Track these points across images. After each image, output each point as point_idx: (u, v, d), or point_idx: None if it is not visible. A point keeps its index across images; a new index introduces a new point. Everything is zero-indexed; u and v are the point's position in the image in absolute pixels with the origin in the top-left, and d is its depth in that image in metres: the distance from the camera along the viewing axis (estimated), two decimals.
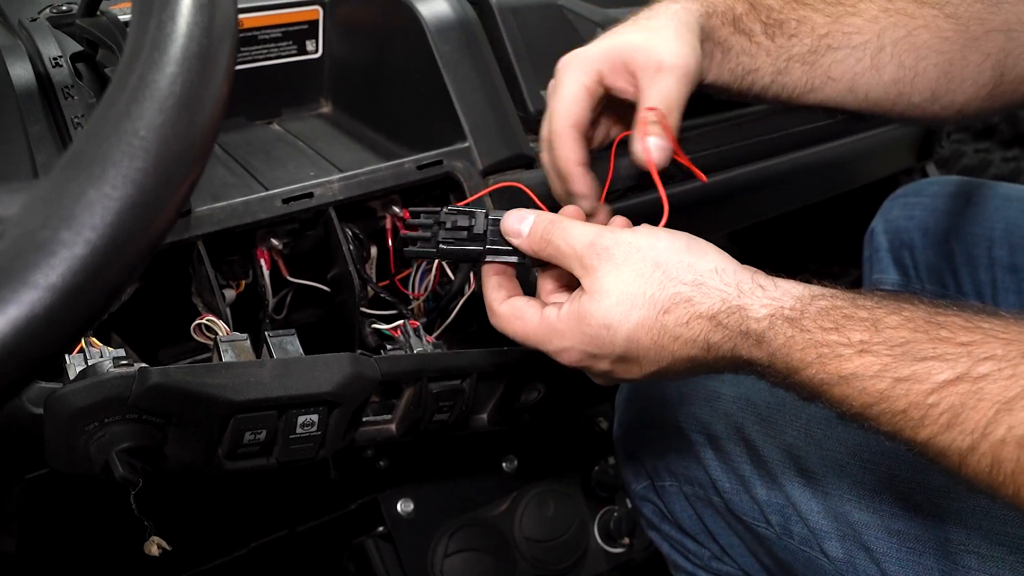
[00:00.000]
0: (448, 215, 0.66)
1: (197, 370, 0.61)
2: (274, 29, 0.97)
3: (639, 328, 0.59)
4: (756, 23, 0.73)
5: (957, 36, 0.75)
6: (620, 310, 0.59)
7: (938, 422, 0.51)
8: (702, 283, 0.59)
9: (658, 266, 0.59)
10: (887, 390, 0.52)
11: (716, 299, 0.58)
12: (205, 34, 0.34)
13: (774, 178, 1.15)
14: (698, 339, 0.58)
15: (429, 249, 0.67)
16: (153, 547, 0.65)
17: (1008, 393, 0.49)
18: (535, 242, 0.64)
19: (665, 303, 0.59)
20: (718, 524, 0.86)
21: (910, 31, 0.75)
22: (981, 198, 1.09)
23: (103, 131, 0.31)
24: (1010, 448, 0.48)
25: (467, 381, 0.74)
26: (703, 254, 0.61)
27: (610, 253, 0.60)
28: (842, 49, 0.74)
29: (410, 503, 1.13)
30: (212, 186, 0.80)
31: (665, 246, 0.60)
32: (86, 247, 0.29)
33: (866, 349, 0.53)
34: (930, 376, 0.51)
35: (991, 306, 0.55)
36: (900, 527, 0.72)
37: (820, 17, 0.74)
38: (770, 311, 0.57)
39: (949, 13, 0.75)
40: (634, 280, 0.59)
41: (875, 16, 0.75)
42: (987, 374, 0.50)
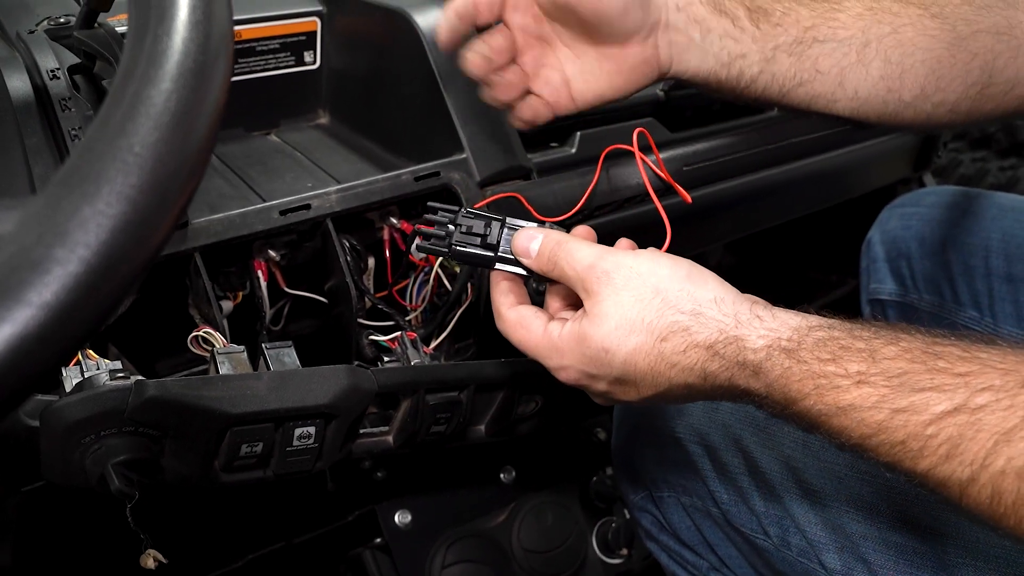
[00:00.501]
0: (465, 217, 0.67)
1: (193, 383, 0.61)
2: (272, 40, 0.97)
3: (636, 353, 0.60)
4: (740, 8, 0.73)
5: (943, 35, 0.75)
6: (618, 335, 0.60)
7: (937, 453, 0.51)
8: (700, 312, 0.59)
9: (658, 293, 0.60)
10: (885, 421, 0.53)
11: (714, 329, 0.58)
12: (201, 50, 0.34)
13: (772, 188, 1.15)
14: (695, 367, 0.59)
15: (440, 248, 0.68)
16: (149, 560, 0.65)
17: (1007, 424, 0.49)
18: (543, 263, 0.65)
19: (663, 331, 0.59)
20: (716, 535, 0.86)
21: (895, 28, 0.75)
22: (978, 208, 1.09)
23: (98, 148, 0.31)
24: (1010, 479, 0.48)
25: (464, 393, 0.74)
26: (703, 283, 0.61)
27: (610, 277, 0.61)
28: (828, 42, 0.74)
29: (408, 514, 1.13)
30: (209, 197, 0.80)
31: (667, 273, 0.61)
32: (80, 264, 0.29)
33: (863, 380, 0.54)
34: (928, 407, 0.51)
35: (989, 335, 0.55)
36: (898, 539, 0.72)
37: (805, 10, 0.74)
38: (767, 342, 0.57)
39: (935, 13, 0.75)
40: (633, 305, 0.60)
41: (859, 13, 0.75)
42: (985, 405, 0.50)
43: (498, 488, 1.20)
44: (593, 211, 0.92)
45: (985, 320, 1.04)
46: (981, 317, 1.05)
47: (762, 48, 0.73)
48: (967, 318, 1.06)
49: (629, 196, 0.94)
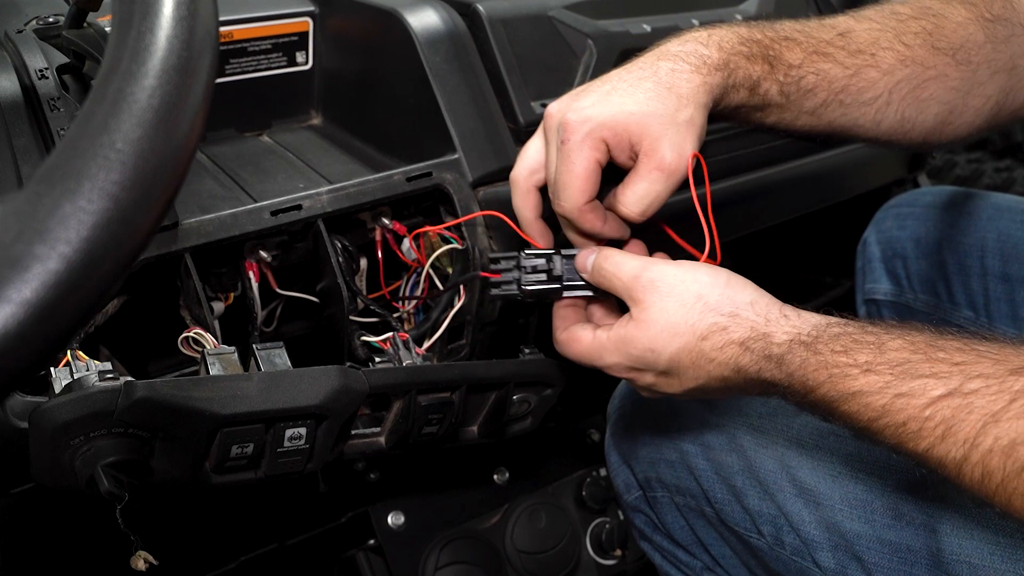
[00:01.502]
0: (527, 259, 0.75)
1: (183, 383, 0.61)
2: (264, 41, 0.97)
3: (680, 352, 0.66)
4: (773, 84, 0.73)
5: (963, 84, 0.76)
6: (664, 337, 0.66)
7: (934, 433, 0.55)
8: (737, 314, 0.65)
9: (699, 298, 0.66)
10: (888, 405, 0.58)
11: (747, 327, 0.65)
12: (185, 47, 0.34)
13: (767, 189, 1.15)
14: (729, 362, 0.65)
15: (513, 291, 0.75)
16: (140, 562, 0.65)
17: (995, 407, 0.53)
18: (596, 276, 0.72)
19: (704, 331, 0.65)
20: (710, 535, 0.86)
21: (919, 83, 0.75)
22: (973, 208, 1.09)
23: (80, 144, 0.31)
24: (997, 458, 0.52)
25: (456, 393, 0.74)
26: (741, 288, 0.67)
27: (655, 285, 0.67)
28: (852, 105, 0.75)
29: (401, 516, 1.12)
30: (201, 198, 0.79)
31: (708, 280, 0.67)
32: (61, 262, 0.29)
33: (870, 369, 0.59)
34: (925, 392, 0.56)
35: (990, 331, 0.59)
36: (892, 537, 0.71)
37: (839, 70, 0.74)
38: (790, 337, 0.63)
39: (960, 60, 0.76)
40: (677, 310, 0.66)
41: (892, 67, 0.75)
42: (977, 390, 0.54)
43: (492, 489, 1.20)
44: None
45: (980, 320, 1.04)
46: (976, 317, 1.05)
47: (783, 113, 0.75)
48: (962, 318, 1.06)
49: None
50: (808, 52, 0.74)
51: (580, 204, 0.70)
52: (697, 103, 0.69)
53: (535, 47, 0.93)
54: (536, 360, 0.80)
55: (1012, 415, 0.53)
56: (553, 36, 0.94)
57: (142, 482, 0.63)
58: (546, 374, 0.80)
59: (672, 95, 0.69)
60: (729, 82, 0.71)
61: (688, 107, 0.68)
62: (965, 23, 0.76)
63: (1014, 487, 0.52)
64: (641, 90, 0.69)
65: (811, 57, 0.74)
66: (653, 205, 0.71)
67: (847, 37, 0.75)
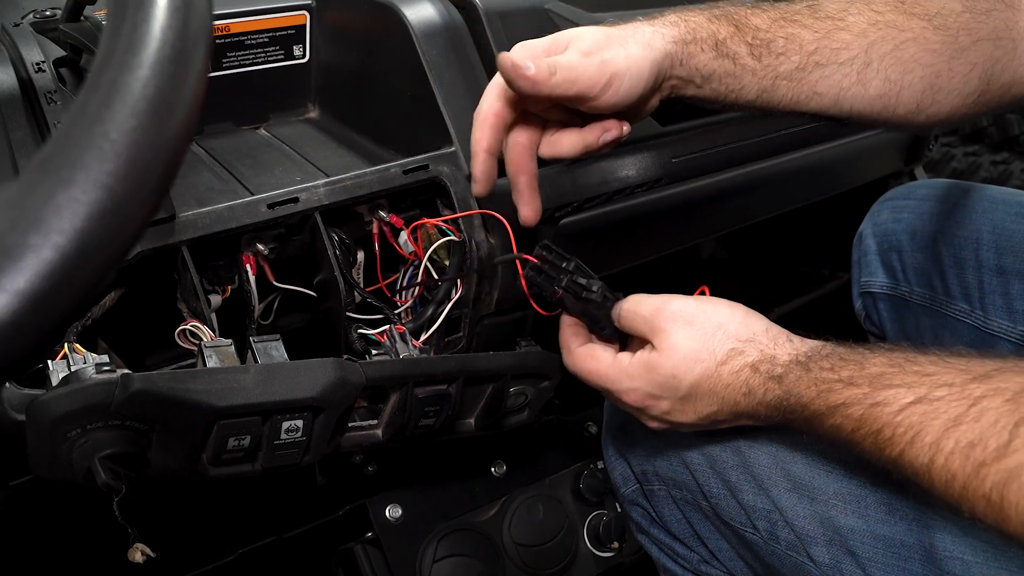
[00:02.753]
0: (577, 270, 0.76)
1: (180, 376, 0.61)
2: (261, 34, 0.97)
3: (701, 378, 0.70)
4: (741, 45, 0.73)
5: (944, 48, 0.75)
6: (687, 363, 0.70)
7: (904, 439, 0.58)
8: (752, 339, 0.70)
9: (720, 326, 0.71)
10: (865, 414, 0.61)
11: (758, 351, 0.69)
12: (179, 37, 0.34)
13: (763, 181, 1.15)
14: (742, 386, 0.69)
15: (548, 288, 0.77)
16: (137, 554, 0.65)
17: (956, 411, 0.56)
18: (623, 321, 0.75)
19: (723, 356, 0.70)
20: (706, 528, 0.86)
21: (897, 44, 0.75)
22: (969, 201, 1.09)
23: (73, 134, 0.31)
24: (957, 460, 0.54)
25: (453, 386, 0.74)
26: (757, 318, 0.72)
27: (676, 316, 0.72)
28: (829, 66, 0.75)
29: (398, 508, 1.12)
30: (198, 191, 0.80)
31: (727, 312, 0.72)
32: (55, 251, 0.29)
33: (852, 382, 0.63)
34: (896, 400, 0.60)
35: (967, 349, 0.62)
36: (886, 532, 0.72)
37: (808, 33, 0.74)
38: (790, 358, 0.68)
39: (938, 25, 0.75)
40: (699, 338, 0.70)
41: (864, 30, 0.75)
42: (941, 397, 0.57)
43: (489, 482, 1.20)
44: (583, 203, 0.92)
45: (975, 312, 1.04)
46: (971, 309, 1.05)
47: (760, 80, 0.75)
48: (957, 310, 1.06)
49: (619, 188, 0.94)
50: (775, 19, 0.75)
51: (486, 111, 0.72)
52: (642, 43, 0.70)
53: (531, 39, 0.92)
54: (533, 352, 0.80)
55: (971, 418, 0.55)
56: (549, 29, 0.93)
57: (139, 474, 0.63)
58: (543, 366, 0.80)
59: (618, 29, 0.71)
60: (687, 35, 0.72)
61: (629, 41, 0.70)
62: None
63: (974, 488, 0.54)
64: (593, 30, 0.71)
65: (778, 22, 0.75)
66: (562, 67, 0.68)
67: (815, 6, 0.76)
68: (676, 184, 1.01)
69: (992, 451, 0.53)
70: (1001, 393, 0.55)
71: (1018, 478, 0.52)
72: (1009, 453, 0.52)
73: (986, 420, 0.54)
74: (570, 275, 0.76)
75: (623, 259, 1.03)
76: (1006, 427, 0.53)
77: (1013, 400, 0.54)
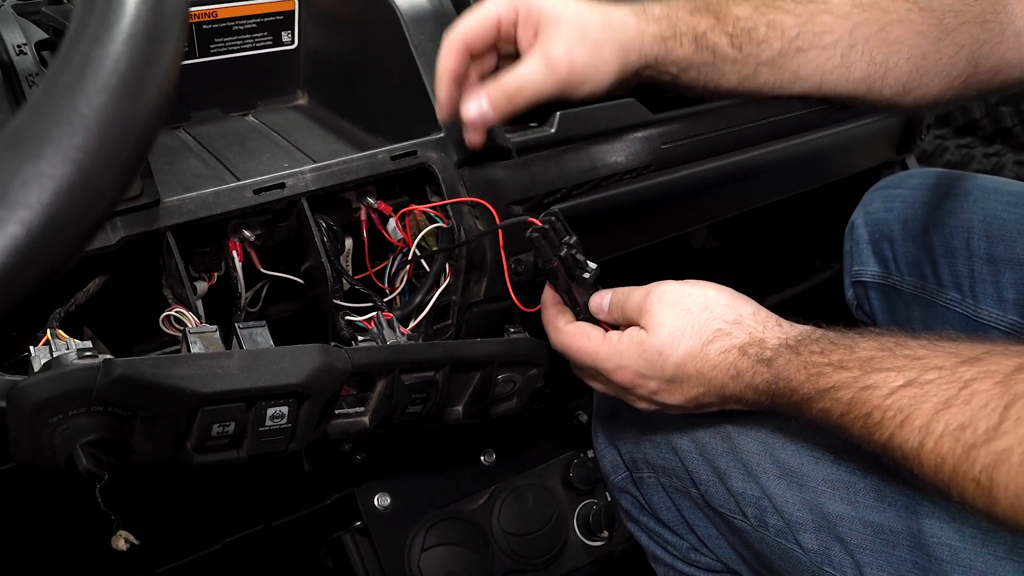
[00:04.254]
0: (577, 246, 0.75)
1: (163, 361, 0.60)
2: (249, 20, 0.96)
3: (687, 356, 0.70)
4: (721, 36, 0.73)
5: (930, 30, 0.75)
6: (672, 339, 0.70)
7: (893, 422, 0.58)
8: (739, 321, 0.70)
9: (706, 307, 0.71)
10: (855, 397, 0.61)
11: (746, 333, 0.69)
12: (153, 13, 0.33)
13: (755, 169, 1.15)
14: (729, 367, 0.69)
15: (548, 253, 0.75)
16: (120, 541, 0.64)
17: (947, 394, 0.56)
18: (612, 313, 0.76)
19: (709, 335, 0.70)
20: (696, 515, 0.86)
21: (883, 26, 0.74)
22: (960, 190, 1.09)
23: (43, 109, 0.30)
24: (947, 442, 0.54)
25: (440, 373, 0.74)
26: (745, 302, 0.72)
27: (664, 297, 0.72)
28: (812, 50, 0.75)
29: (387, 497, 1.12)
30: (184, 177, 0.79)
31: (714, 294, 0.72)
32: (20, 226, 0.28)
33: (842, 366, 0.62)
34: (887, 383, 0.59)
35: (957, 333, 0.62)
36: (874, 519, 0.72)
37: (791, 19, 0.74)
38: (779, 342, 0.67)
39: (923, 6, 0.75)
40: (684, 316, 0.71)
41: (848, 12, 0.75)
42: (932, 380, 0.57)
43: (478, 471, 1.20)
44: (571, 190, 0.92)
45: (966, 301, 1.04)
46: (962, 298, 1.05)
47: (741, 69, 0.75)
48: (948, 299, 1.06)
49: (607, 175, 0.94)
50: (757, 6, 0.74)
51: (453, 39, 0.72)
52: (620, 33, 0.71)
53: None
54: (521, 339, 0.80)
55: (961, 401, 0.55)
56: None
57: (122, 461, 0.62)
58: (531, 354, 0.80)
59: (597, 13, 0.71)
60: (668, 32, 0.72)
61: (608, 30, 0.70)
62: None
63: (964, 471, 0.53)
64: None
65: (760, 9, 0.74)
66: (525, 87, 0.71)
67: None
68: (666, 171, 1.01)
69: (982, 433, 0.53)
70: (991, 376, 0.55)
71: (1007, 460, 0.51)
72: (999, 435, 0.52)
73: (976, 402, 0.54)
74: (570, 248, 0.75)
75: (612, 247, 1.03)
76: (996, 409, 0.53)
77: (1003, 383, 0.54)
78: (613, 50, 0.70)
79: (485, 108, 0.71)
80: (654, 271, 0.86)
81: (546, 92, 0.71)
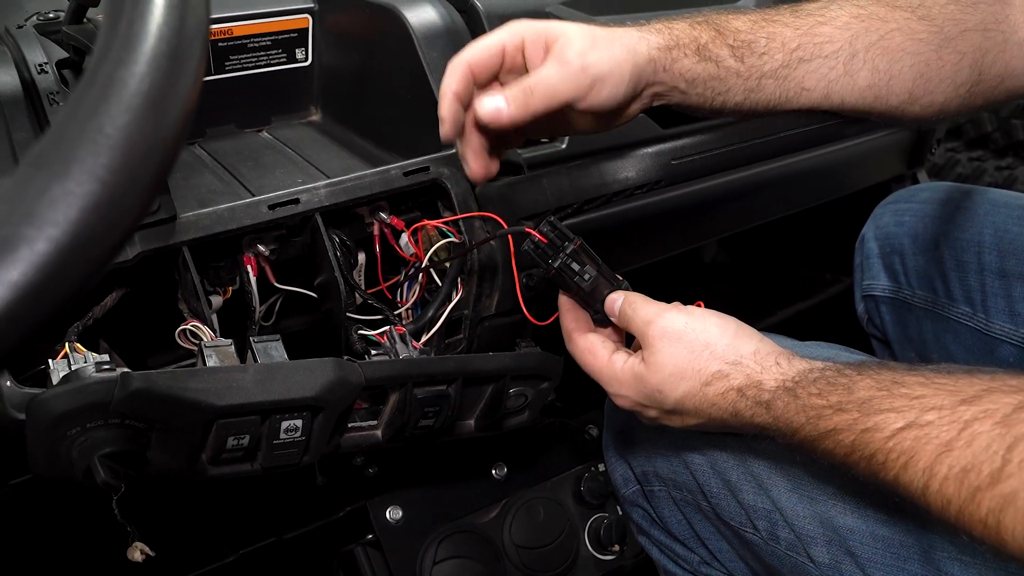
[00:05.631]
0: (575, 253, 0.76)
1: (179, 375, 0.61)
2: (264, 37, 0.97)
3: (686, 396, 0.71)
4: (723, 48, 0.74)
5: (931, 37, 0.75)
6: (672, 381, 0.71)
7: (897, 464, 0.58)
8: (739, 362, 0.70)
9: (707, 346, 0.70)
10: (857, 440, 0.61)
11: (744, 375, 0.69)
12: (175, 34, 0.34)
13: (765, 184, 1.16)
14: (728, 407, 0.69)
15: (543, 264, 0.76)
16: (136, 553, 0.65)
17: (948, 436, 0.55)
18: (620, 319, 0.76)
19: (708, 377, 0.70)
20: (707, 529, 0.86)
21: (883, 35, 0.75)
22: (970, 204, 1.09)
23: (69, 129, 0.31)
24: (952, 485, 0.54)
25: (452, 386, 0.74)
26: (748, 338, 0.71)
27: (666, 332, 0.72)
28: (814, 60, 0.75)
29: (399, 510, 1.13)
30: (199, 193, 0.80)
31: (716, 331, 0.71)
32: (48, 243, 0.29)
33: (841, 408, 0.63)
34: (887, 425, 0.59)
35: (954, 365, 0.61)
36: (885, 533, 0.72)
37: (790, 31, 0.75)
38: (777, 384, 0.67)
39: (922, 15, 0.76)
40: (685, 356, 0.71)
41: (846, 23, 0.75)
42: (932, 421, 0.57)
43: (490, 484, 1.20)
44: (582, 205, 0.92)
45: (978, 316, 1.04)
46: (974, 312, 1.05)
47: (746, 81, 0.75)
48: (959, 313, 1.06)
49: (618, 190, 0.95)
50: (756, 20, 0.75)
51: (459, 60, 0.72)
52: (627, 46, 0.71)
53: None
54: (532, 353, 0.80)
55: (962, 443, 0.54)
56: None
57: (138, 473, 0.63)
58: (542, 367, 0.80)
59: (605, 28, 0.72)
60: (671, 42, 0.72)
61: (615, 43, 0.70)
62: None
63: (970, 513, 0.53)
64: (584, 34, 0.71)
65: (759, 23, 0.75)
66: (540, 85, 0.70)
67: (796, 6, 0.77)
68: (676, 186, 1.01)
69: (986, 476, 0.52)
70: (991, 415, 0.54)
71: (1013, 503, 0.51)
72: (1003, 478, 0.51)
73: (978, 445, 0.53)
74: (566, 257, 0.75)
75: (623, 262, 1.03)
76: (998, 452, 0.52)
77: (1003, 423, 0.53)
78: (624, 53, 0.70)
79: (500, 103, 0.69)
80: (665, 285, 0.87)
81: (561, 92, 0.70)
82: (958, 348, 1.07)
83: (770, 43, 0.74)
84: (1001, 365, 1.01)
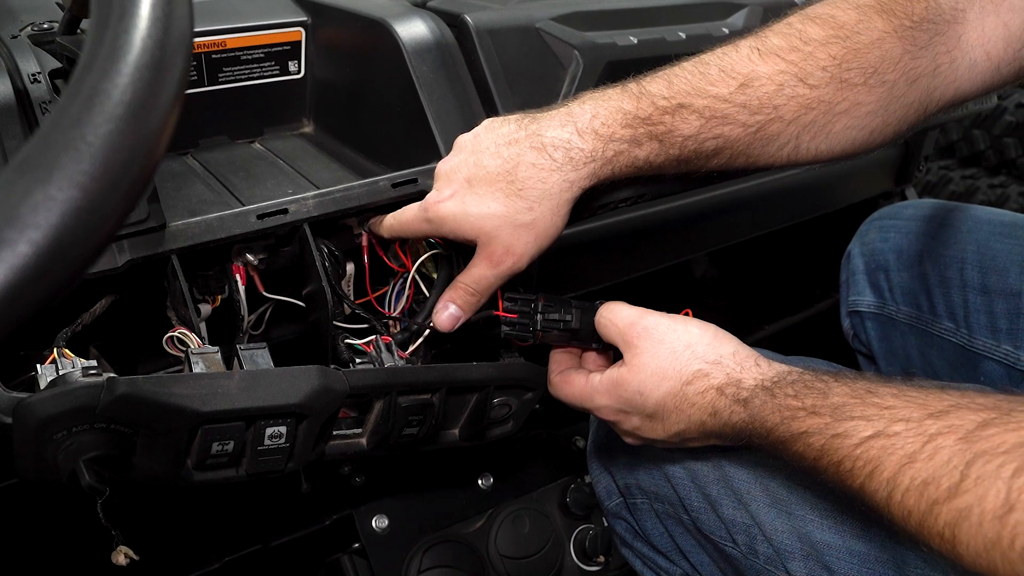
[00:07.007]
0: (546, 307, 0.81)
1: (165, 380, 0.62)
2: (257, 50, 0.98)
3: (667, 396, 0.73)
4: (667, 160, 0.75)
5: (879, 107, 0.74)
6: (653, 381, 0.73)
7: (863, 472, 0.59)
8: (719, 362, 0.72)
9: (688, 346, 0.73)
10: (826, 444, 0.62)
11: (724, 374, 0.71)
12: (159, 46, 0.35)
13: (754, 198, 1.17)
14: (707, 406, 0.71)
15: (527, 334, 0.81)
16: (120, 556, 0.66)
17: (912, 448, 0.57)
18: (600, 326, 0.78)
19: (689, 376, 0.72)
20: (688, 542, 0.87)
21: (828, 121, 0.74)
22: (954, 221, 1.10)
23: (53, 136, 0.32)
24: (912, 497, 0.55)
25: (436, 395, 0.75)
26: (727, 341, 0.74)
27: (649, 332, 0.74)
28: (760, 155, 0.76)
29: (385, 519, 1.13)
30: (190, 203, 0.81)
31: (697, 332, 0.74)
32: (29, 246, 0.30)
33: (815, 411, 0.64)
34: (856, 432, 0.60)
35: (926, 379, 0.64)
36: (861, 548, 0.72)
37: (740, 131, 0.74)
38: (755, 383, 0.69)
39: (875, 84, 0.73)
40: (667, 356, 0.73)
41: (796, 115, 0.74)
42: (899, 432, 0.58)
43: (476, 494, 1.21)
44: None
45: (960, 331, 1.05)
46: (957, 328, 1.06)
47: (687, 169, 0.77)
48: (943, 329, 1.07)
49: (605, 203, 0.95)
50: (705, 119, 0.73)
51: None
52: (549, 203, 0.73)
53: (522, 58, 0.94)
54: (516, 363, 0.81)
55: (925, 456, 0.55)
56: (540, 47, 0.96)
57: (123, 477, 0.64)
58: (527, 378, 0.81)
59: (520, 199, 0.73)
60: (605, 171, 0.74)
61: (533, 210, 0.73)
62: (881, 39, 0.73)
63: (929, 525, 0.54)
64: (491, 196, 0.74)
65: (709, 124, 0.73)
66: (481, 284, 0.77)
67: (748, 90, 0.73)
68: (663, 200, 1.02)
69: (944, 490, 0.53)
70: (955, 431, 0.55)
71: (968, 518, 0.52)
72: (960, 493, 0.52)
73: (939, 459, 0.55)
74: (541, 315, 0.80)
75: (609, 275, 1.04)
76: (958, 467, 0.53)
77: (966, 439, 0.54)
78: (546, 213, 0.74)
79: (455, 312, 0.79)
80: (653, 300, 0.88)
81: (499, 281, 0.77)
82: (942, 363, 1.08)
83: (720, 144, 0.74)
84: (984, 380, 1.02)
